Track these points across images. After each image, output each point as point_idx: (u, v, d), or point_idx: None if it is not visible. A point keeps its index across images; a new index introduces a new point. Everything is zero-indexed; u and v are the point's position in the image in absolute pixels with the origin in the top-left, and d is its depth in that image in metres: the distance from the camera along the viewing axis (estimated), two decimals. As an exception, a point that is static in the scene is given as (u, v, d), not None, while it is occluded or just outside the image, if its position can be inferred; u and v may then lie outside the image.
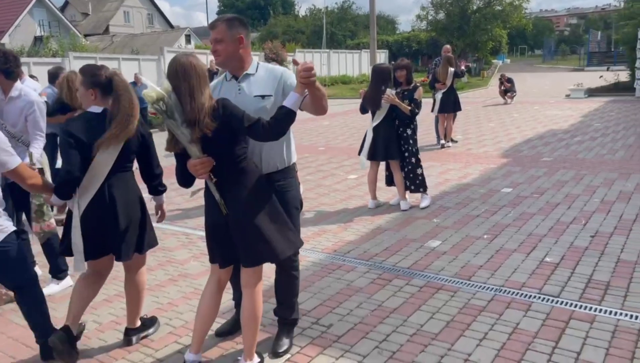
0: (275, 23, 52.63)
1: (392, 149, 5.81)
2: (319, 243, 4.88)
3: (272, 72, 2.87)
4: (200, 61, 2.66)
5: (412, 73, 6.03)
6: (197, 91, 2.52)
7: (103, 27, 50.80)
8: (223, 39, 2.70)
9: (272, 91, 2.81)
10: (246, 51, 2.79)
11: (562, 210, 5.49)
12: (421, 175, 5.90)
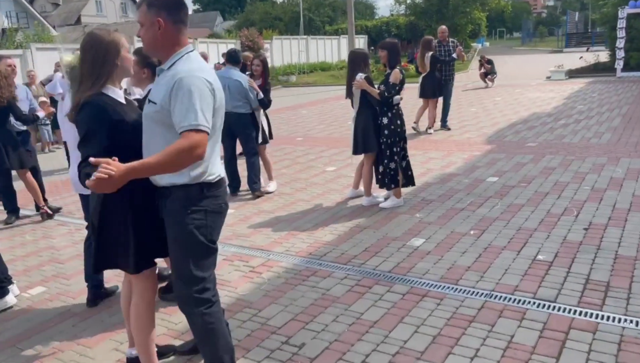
0: (252, 10, 51.59)
1: (369, 141, 5.37)
2: (293, 246, 4.49)
3: (173, 75, 2.18)
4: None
5: (396, 55, 5.40)
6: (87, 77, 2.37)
7: (74, 18, 49.38)
8: (143, 23, 2.25)
9: (159, 98, 2.19)
10: (167, 39, 2.23)
11: (552, 200, 5.17)
12: (393, 170, 5.35)
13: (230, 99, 5.92)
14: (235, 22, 52.37)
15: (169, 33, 2.23)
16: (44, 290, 3.98)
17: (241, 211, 5.60)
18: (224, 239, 4.75)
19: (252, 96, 5.84)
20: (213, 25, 58.55)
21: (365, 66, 5.46)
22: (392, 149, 5.34)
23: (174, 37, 2.24)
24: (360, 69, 5.39)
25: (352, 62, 5.47)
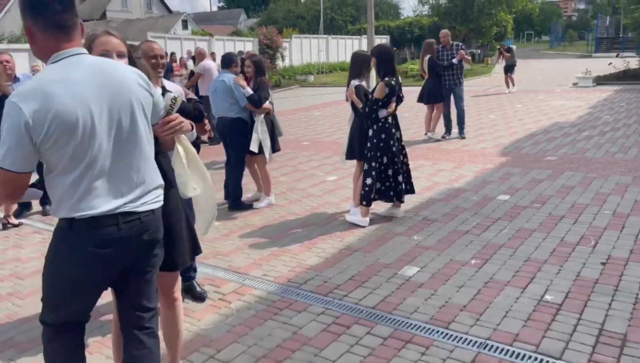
0: (275, 8, 51.38)
1: (355, 148, 5.10)
2: (273, 269, 4.06)
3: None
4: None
5: (386, 62, 4.84)
6: None
7: (100, 12, 49.77)
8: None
9: None
10: (37, 47, 1.88)
11: (567, 226, 4.64)
12: (367, 186, 4.87)
13: (216, 103, 5.61)
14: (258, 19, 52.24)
15: (37, 43, 1.86)
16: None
17: (227, 224, 5.20)
18: (202, 258, 4.35)
19: (237, 93, 5.45)
20: (237, 23, 58.55)
21: (366, 69, 5.04)
22: (371, 164, 4.91)
23: (41, 46, 1.87)
24: (359, 72, 4.97)
25: (353, 65, 5.09)
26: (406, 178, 5.12)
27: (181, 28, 42.08)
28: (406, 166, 5.14)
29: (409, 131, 10.25)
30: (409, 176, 5.18)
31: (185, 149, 2.32)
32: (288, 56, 26.01)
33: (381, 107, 4.80)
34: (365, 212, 4.94)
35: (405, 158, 5.13)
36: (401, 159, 5.04)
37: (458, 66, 8.76)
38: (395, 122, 5.00)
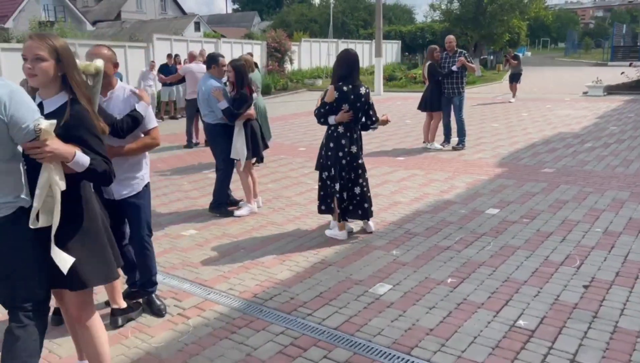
0: (288, 11, 51.48)
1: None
2: (240, 283, 3.91)
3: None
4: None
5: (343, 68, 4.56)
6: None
7: (115, 13, 50.17)
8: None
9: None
10: None
11: (554, 244, 4.44)
12: (321, 197, 4.81)
13: (201, 107, 5.53)
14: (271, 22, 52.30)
15: None
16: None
17: (203, 233, 5.07)
18: (170, 268, 4.23)
19: (213, 104, 5.34)
20: (250, 25, 58.69)
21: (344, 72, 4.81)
22: (321, 174, 4.78)
23: None
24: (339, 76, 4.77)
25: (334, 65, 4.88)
26: (358, 200, 4.74)
27: (193, 30, 42.18)
28: (361, 187, 4.73)
29: (408, 138, 10.07)
30: (362, 198, 4.73)
31: (48, 178, 2.13)
32: (297, 60, 25.90)
33: (330, 113, 4.60)
34: (342, 226, 4.77)
35: (360, 178, 4.73)
36: (350, 177, 4.70)
37: (459, 75, 8.51)
38: (350, 135, 4.63)
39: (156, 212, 5.80)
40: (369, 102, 4.62)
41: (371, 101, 4.64)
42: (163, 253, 4.55)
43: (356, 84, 4.58)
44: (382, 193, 6.24)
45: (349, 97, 4.56)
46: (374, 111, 4.69)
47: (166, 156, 9.24)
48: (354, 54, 4.64)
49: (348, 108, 4.56)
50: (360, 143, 4.74)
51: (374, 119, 4.71)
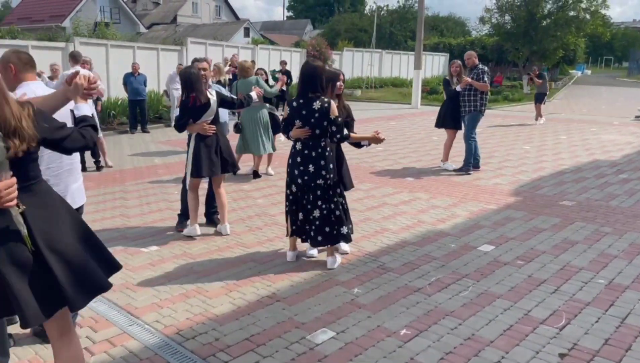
0: (339, 20, 51.34)
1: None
2: (170, 315, 3.52)
3: None
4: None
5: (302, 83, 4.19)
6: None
7: (171, 17, 51.58)
8: None
9: None
10: None
11: (543, 295, 3.81)
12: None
13: None
14: (320, 31, 52.32)
15: None
16: None
17: (163, 250, 4.73)
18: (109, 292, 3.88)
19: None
20: (302, 33, 59.03)
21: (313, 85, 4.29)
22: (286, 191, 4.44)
23: None
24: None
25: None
26: (317, 225, 4.24)
27: (242, 35, 42.69)
28: (320, 210, 4.24)
29: (427, 157, 9.48)
30: (322, 223, 4.22)
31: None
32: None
33: (287, 129, 4.31)
34: (291, 243, 4.46)
35: (320, 201, 4.23)
36: (308, 198, 4.24)
37: (472, 92, 7.83)
38: (308, 152, 4.17)
39: (129, 223, 5.53)
40: (329, 117, 4.13)
41: (332, 116, 4.13)
42: (110, 271, 4.23)
43: (309, 98, 4.15)
44: (372, 218, 5.74)
45: (300, 112, 4.15)
46: (337, 127, 4.15)
47: (172, 161, 9.05)
48: (309, 66, 4.21)
49: (301, 124, 4.16)
50: (325, 162, 4.18)
51: (341, 136, 4.17)
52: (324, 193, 4.22)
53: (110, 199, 6.50)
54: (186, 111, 4.82)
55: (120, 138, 11.86)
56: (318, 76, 4.14)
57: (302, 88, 4.20)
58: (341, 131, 4.13)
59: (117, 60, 13.99)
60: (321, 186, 4.20)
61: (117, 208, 6.11)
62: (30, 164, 2.08)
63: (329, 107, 4.09)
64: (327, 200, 4.23)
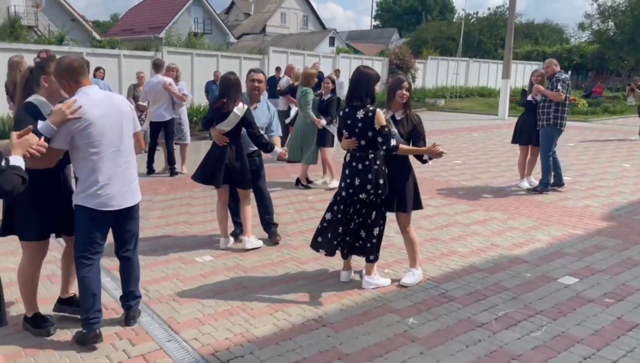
0: (426, 28, 50.33)
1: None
2: (211, 333, 3.35)
3: None
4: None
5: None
6: None
7: (260, 27, 53.24)
8: None
9: None
10: None
11: (634, 342, 3.23)
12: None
13: None
14: (407, 39, 51.57)
15: None
16: None
17: (217, 261, 4.62)
18: (154, 300, 3.83)
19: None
20: (389, 42, 58.60)
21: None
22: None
23: None
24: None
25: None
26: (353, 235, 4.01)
27: (327, 44, 43.04)
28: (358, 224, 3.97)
29: (509, 173, 8.80)
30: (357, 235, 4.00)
31: None
32: (421, 78, 24.95)
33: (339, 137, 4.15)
34: (345, 264, 4.22)
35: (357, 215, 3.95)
36: (349, 210, 3.96)
37: (547, 104, 7.07)
38: (355, 164, 3.90)
39: (190, 230, 5.52)
40: (374, 127, 3.81)
41: (377, 126, 3.80)
42: (161, 279, 4.18)
43: (354, 106, 3.87)
44: (440, 238, 5.31)
45: (345, 121, 3.91)
46: (382, 138, 3.80)
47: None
48: (355, 73, 3.95)
49: (347, 134, 3.91)
50: (372, 176, 3.85)
51: (387, 147, 3.83)
52: (365, 209, 3.93)
53: (177, 205, 6.57)
54: (211, 111, 4.80)
55: (199, 144, 12.17)
56: (364, 83, 3.87)
57: (349, 96, 3.97)
58: (387, 142, 3.80)
59: (201, 68, 14.47)
60: (362, 201, 3.90)
61: (181, 214, 6.15)
62: None
63: (373, 116, 3.79)
64: (369, 217, 3.93)
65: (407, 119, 4.05)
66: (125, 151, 3.10)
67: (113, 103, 3.05)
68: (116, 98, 3.15)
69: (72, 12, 31.21)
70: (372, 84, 3.87)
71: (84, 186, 2.99)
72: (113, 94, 3.19)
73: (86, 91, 2.96)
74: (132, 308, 3.42)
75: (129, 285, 3.37)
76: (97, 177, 2.97)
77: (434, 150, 3.93)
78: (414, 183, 4.13)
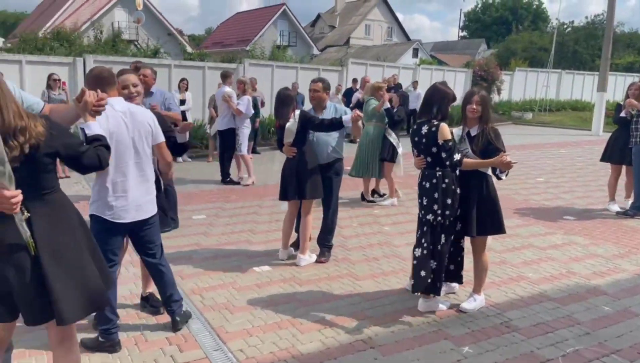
0: (515, 39, 48.32)
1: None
2: (257, 345, 3.32)
3: None
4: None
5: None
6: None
7: (345, 39, 53.74)
8: None
9: None
10: None
11: None
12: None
13: None
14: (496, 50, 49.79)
15: None
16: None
17: (274, 272, 4.61)
18: (207, 307, 3.88)
19: None
20: (475, 53, 56.88)
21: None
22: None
23: None
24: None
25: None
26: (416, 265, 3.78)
27: (411, 56, 42.54)
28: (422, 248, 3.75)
29: (597, 193, 8.13)
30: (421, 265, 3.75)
31: None
32: (508, 90, 23.88)
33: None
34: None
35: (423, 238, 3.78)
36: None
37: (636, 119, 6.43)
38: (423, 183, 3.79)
39: (253, 239, 5.58)
40: (437, 142, 3.62)
41: (441, 141, 3.60)
42: (217, 287, 4.25)
43: (420, 122, 3.73)
44: (510, 261, 4.97)
45: (414, 139, 3.76)
46: (445, 152, 3.59)
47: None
48: (434, 89, 3.75)
49: (416, 152, 3.77)
50: (438, 195, 3.65)
51: (450, 162, 3.61)
52: (431, 231, 3.70)
53: (245, 213, 6.69)
54: (277, 132, 4.88)
55: (274, 154, 12.38)
56: (437, 100, 3.67)
57: (420, 111, 3.82)
58: (450, 157, 3.58)
59: (281, 80, 14.77)
60: (429, 223, 3.69)
61: (247, 223, 6.24)
62: (43, 174, 2.16)
63: (437, 130, 3.60)
64: (432, 241, 3.70)
65: (483, 134, 3.75)
66: (142, 164, 3.14)
67: (133, 117, 3.10)
68: (138, 112, 3.16)
69: (169, 27, 33.22)
70: (446, 102, 3.68)
71: (99, 195, 3.04)
72: (136, 108, 3.19)
73: (110, 101, 3.03)
74: (176, 312, 3.45)
75: (165, 291, 3.41)
76: (111, 188, 3.02)
77: (501, 160, 3.59)
78: (492, 203, 3.78)
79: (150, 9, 31.72)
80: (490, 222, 3.77)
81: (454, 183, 3.70)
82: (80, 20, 28.38)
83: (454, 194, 3.68)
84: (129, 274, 4.43)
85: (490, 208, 3.75)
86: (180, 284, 4.24)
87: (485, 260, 3.89)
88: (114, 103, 3.05)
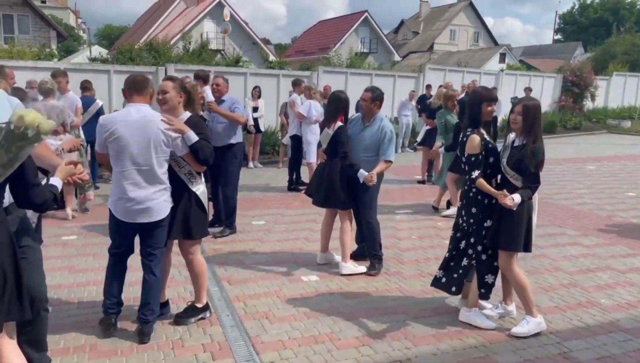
0: (615, 42, 44.94)
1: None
2: (290, 359, 3.23)
3: None
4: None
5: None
6: None
7: (428, 45, 52.76)
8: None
9: None
10: None
11: None
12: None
13: None
14: (592, 54, 46.58)
15: None
16: None
17: (320, 283, 4.51)
18: (248, 315, 3.85)
19: None
20: (570, 57, 53.66)
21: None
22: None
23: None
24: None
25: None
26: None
27: (498, 61, 40.83)
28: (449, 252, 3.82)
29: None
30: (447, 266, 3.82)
31: None
32: (603, 96, 22.16)
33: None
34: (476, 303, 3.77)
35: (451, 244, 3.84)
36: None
37: None
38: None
39: (306, 247, 5.52)
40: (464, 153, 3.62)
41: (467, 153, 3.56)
42: (262, 295, 4.21)
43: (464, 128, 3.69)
44: (581, 284, 4.53)
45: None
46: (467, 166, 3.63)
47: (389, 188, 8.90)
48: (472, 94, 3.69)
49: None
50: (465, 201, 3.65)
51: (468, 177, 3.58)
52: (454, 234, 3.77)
53: (303, 221, 6.65)
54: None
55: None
56: (471, 106, 3.54)
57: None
58: (469, 172, 3.49)
59: (355, 86, 14.67)
60: (456, 225, 3.74)
61: (304, 230, 6.20)
62: None
63: (466, 141, 3.47)
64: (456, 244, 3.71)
65: (521, 148, 3.44)
66: (150, 171, 3.23)
67: (146, 125, 3.19)
68: (152, 121, 3.21)
69: (253, 36, 34.35)
70: (482, 107, 3.49)
71: (111, 194, 3.29)
72: (153, 116, 3.23)
73: (131, 106, 3.23)
74: (143, 320, 3.35)
75: (147, 297, 3.36)
76: (119, 189, 3.23)
77: (500, 198, 3.35)
78: (518, 218, 3.45)
79: (236, 20, 32.99)
80: (505, 236, 3.47)
81: (481, 193, 3.52)
82: (172, 33, 30.09)
83: (480, 205, 3.55)
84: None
85: (509, 222, 3.44)
86: (227, 290, 4.28)
87: (514, 278, 3.55)
88: (133, 109, 3.19)
